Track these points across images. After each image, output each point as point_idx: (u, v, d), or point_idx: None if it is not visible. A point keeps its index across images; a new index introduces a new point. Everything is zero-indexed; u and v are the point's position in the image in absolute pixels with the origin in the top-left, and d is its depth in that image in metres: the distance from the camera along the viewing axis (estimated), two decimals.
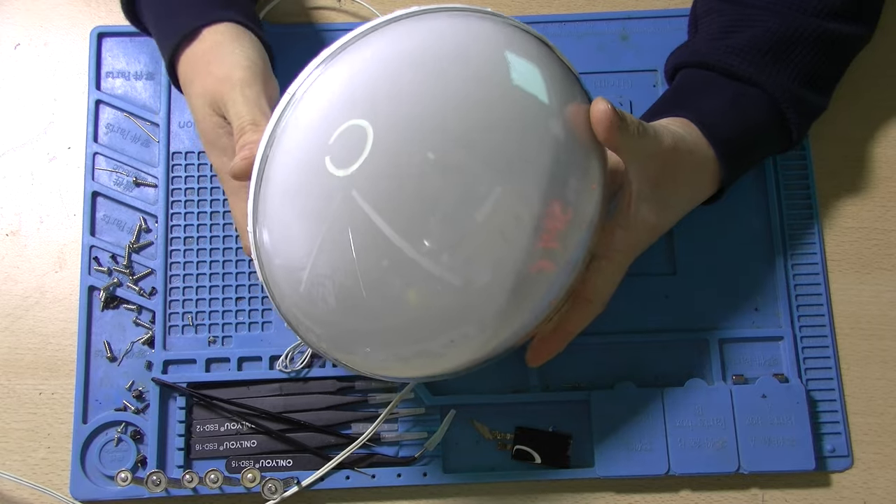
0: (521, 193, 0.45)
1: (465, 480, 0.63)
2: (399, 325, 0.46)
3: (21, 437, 0.64)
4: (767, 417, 0.63)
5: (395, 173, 0.43)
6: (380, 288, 0.44)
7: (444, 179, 0.44)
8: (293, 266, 0.45)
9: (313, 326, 0.47)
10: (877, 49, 0.71)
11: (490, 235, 0.45)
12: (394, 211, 0.43)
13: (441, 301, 0.45)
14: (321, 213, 0.43)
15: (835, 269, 0.67)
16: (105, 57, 0.70)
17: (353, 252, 0.43)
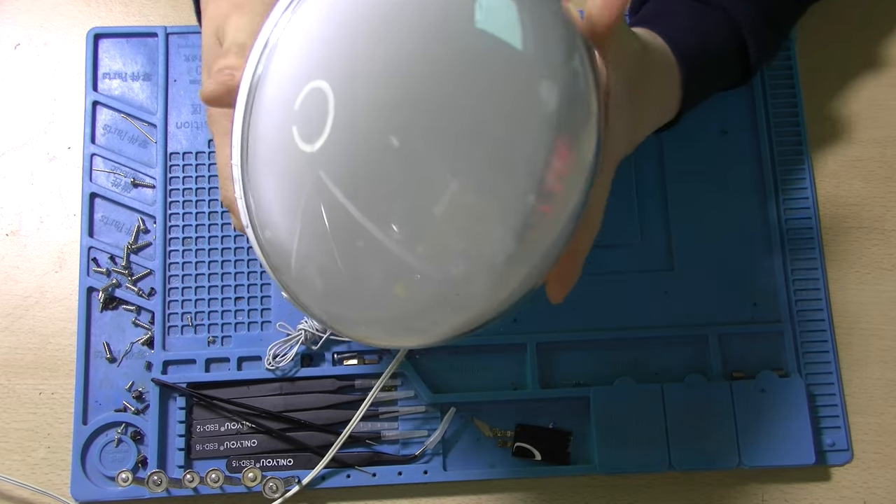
0: (489, 190, 0.40)
1: (466, 478, 0.63)
2: (382, 306, 0.43)
3: (21, 437, 0.64)
4: (767, 412, 0.63)
5: (355, 153, 0.39)
6: (359, 268, 0.41)
7: (403, 172, 0.39)
8: (281, 243, 0.42)
9: (311, 306, 0.45)
10: (877, 48, 0.72)
11: (457, 234, 0.41)
12: (359, 195, 0.39)
13: (421, 286, 0.42)
14: (296, 192, 0.40)
15: (834, 269, 0.67)
16: (101, 58, 0.70)
17: (330, 233, 0.40)
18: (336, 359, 0.65)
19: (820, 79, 0.71)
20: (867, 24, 0.72)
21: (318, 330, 0.64)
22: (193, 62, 0.70)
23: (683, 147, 0.68)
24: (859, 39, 0.72)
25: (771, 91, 0.70)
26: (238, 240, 0.67)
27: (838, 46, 0.72)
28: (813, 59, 0.71)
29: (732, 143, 0.69)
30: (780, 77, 0.70)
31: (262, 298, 0.66)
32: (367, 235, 0.40)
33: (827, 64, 0.71)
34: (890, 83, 0.71)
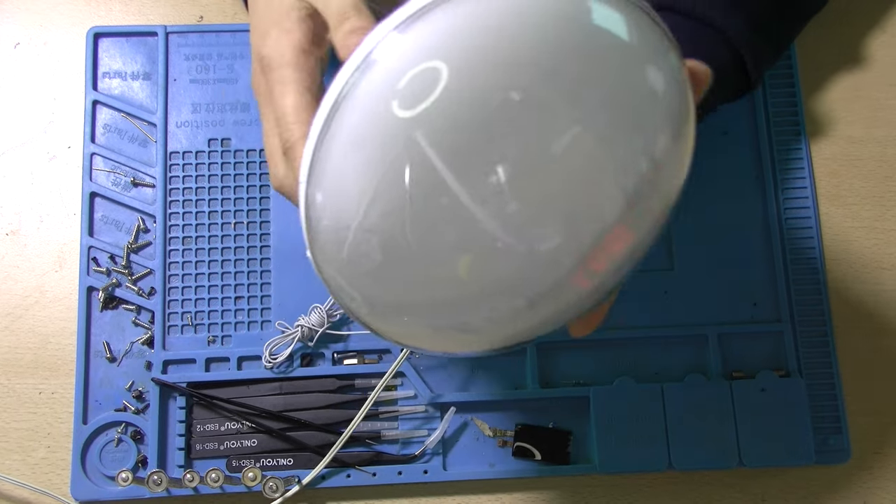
0: (609, 143, 0.39)
1: (466, 477, 0.63)
2: (444, 286, 0.41)
3: (21, 437, 0.64)
4: (767, 412, 0.63)
5: (466, 112, 0.38)
6: (430, 240, 0.39)
7: (521, 120, 0.38)
8: (340, 224, 0.40)
9: (354, 291, 0.43)
10: (877, 49, 0.72)
11: (567, 187, 0.39)
12: (457, 154, 0.38)
13: (496, 261, 0.40)
14: (380, 160, 0.39)
15: (834, 268, 0.68)
16: (101, 57, 0.70)
17: (409, 199, 0.38)
18: (336, 358, 0.65)
19: (820, 79, 0.71)
20: (867, 25, 0.72)
21: (315, 325, 0.64)
22: (193, 61, 0.70)
23: None
24: (859, 40, 0.72)
25: (771, 91, 0.70)
26: (238, 239, 0.67)
27: (838, 46, 0.72)
28: (813, 59, 0.71)
29: (733, 144, 0.69)
30: (781, 77, 0.70)
31: (261, 298, 0.66)
32: (453, 196, 0.38)
33: (827, 64, 0.71)
34: (890, 83, 0.71)
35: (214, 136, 0.69)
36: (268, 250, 0.67)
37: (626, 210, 0.40)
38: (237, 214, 0.67)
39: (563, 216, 0.39)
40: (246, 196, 0.67)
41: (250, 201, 0.67)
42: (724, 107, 0.68)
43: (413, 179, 0.38)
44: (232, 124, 0.69)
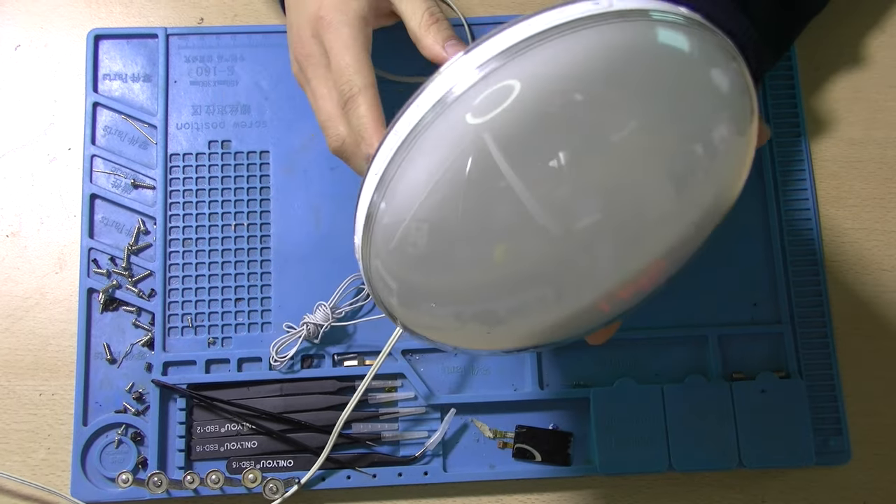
0: (663, 131, 0.41)
1: (466, 479, 0.63)
2: (479, 270, 0.42)
3: (21, 439, 0.64)
4: (767, 413, 0.63)
5: (530, 111, 0.40)
6: (476, 222, 0.41)
7: (580, 116, 0.40)
8: (396, 220, 0.42)
9: (391, 280, 0.44)
10: (877, 49, 0.72)
11: (617, 171, 0.41)
12: (515, 143, 0.40)
13: (537, 249, 0.41)
14: (446, 159, 0.40)
15: (834, 269, 0.68)
16: (102, 59, 0.70)
17: (465, 186, 0.40)
18: (336, 360, 0.65)
19: (820, 79, 0.71)
20: (867, 25, 0.73)
21: (320, 322, 0.64)
22: (193, 63, 0.70)
23: None
24: (859, 40, 0.72)
25: (771, 91, 0.70)
26: (238, 241, 0.67)
27: (838, 47, 0.72)
28: (813, 59, 0.71)
29: None
30: (781, 77, 0.70)
31: (262, 300, 0.66)
32: (503, 180, 0.40)
33: (827, 64, 0.71)
34: (890, 83, 0.71)
35: (215, 137, 0.69)
36: (268, 252, 0.67)
37: (674, 197, 0.42)
38: (237, 216, 0.67)
39: (607, 196, 0.41)
40: (246, 198, 0.67)
41: (250, 203, 0.67)
42: None
43: (472, 170, 0.40)
44: (232, 126, 0.69)
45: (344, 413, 0.62)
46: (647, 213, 0.42)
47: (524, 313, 0.44)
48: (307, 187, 0.68)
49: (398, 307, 0.46)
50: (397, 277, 0.44)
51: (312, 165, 0.68)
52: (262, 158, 0.68)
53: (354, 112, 0.53)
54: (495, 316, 0.44)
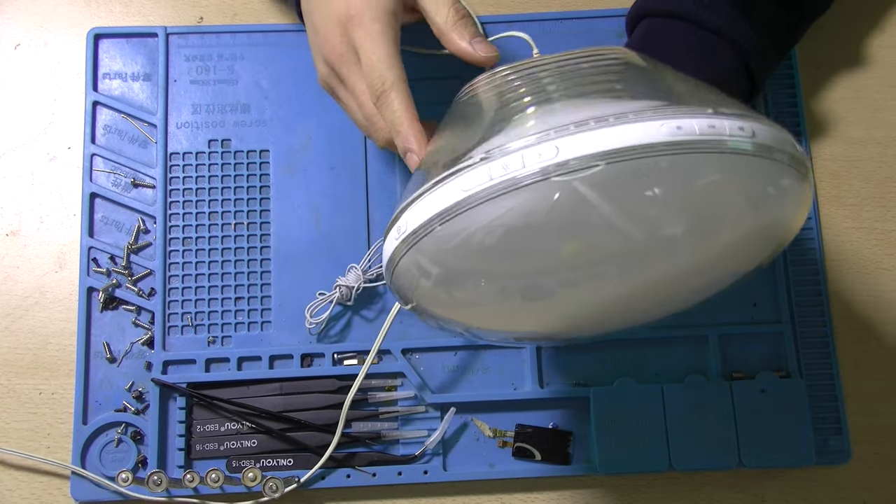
0: (742, 181, 0.43)
1: (466, 478, 0.63)
2: (545, 261, 0.44)
3: (21, 437, 0.64)
4: (767, 413, 0.63)
5: (616, 172, 0.41)
6: (559, 231, 0.42)
7: (667, 170, 0.42)
8: (459, 230, 0.43)
9: (435, 268, 0.45)
10: (877, 49, 0.72)
11: (700, 202, 0.43)
12: (606, 188, 0.41)
13: (611, 247, 0.43)
14: (529, 196, 0.41)
15: (834, 269, 0.67)
16: (102, 58, 0.70)
17: (548, 209, 0.41)
18: (336, 359, 0.65)
19: (820, 78, 0.71)
20: (867, 25, 0.72)
21: (352, 283, 0.65)
22: (193, 62, 0.70)
23: None
24: (860, 39, 0.72)
25: (771, 91, 0.70)
26: (238, 240, 0.67)
27: (838, 47, 0.72)
28: (813, 59, 0.71)
29: None
30: (781, 77, 0.70)
31: (262, 298, 0.66)
32: (594, 207, 0.41)
33: (827, 63, 0.71)
34: (890, 83, 0.71)
35: (214, 136, 0.69)
36: (268, 251, 0.67)
37: (750, 218, 0.43)
38: (237, 215, 0.67)
39: (690, 219, 0.42)
40: (246, 197, 0.67)
41: (250, 202, 0.67)
42: None
43: (560, 198, 0.41)
44: (232, 125, 0.69)
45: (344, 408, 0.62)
46: (722, 224, 0.44)
47: (578, 283, 0.45)
48: (307, 187, 0.68)
49: (432, 289, 0.46)
50: (444, 264, 0.45)
51: (312, 165, 0.68)
52: (262, 157, 0.68)
53: (388, 107, 0.54)
54: (545, 288, 0.45)
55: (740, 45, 0.61)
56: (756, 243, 0.46)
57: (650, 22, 0.64)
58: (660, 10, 0.63)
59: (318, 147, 0.68)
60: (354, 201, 0.68)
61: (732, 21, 0.61)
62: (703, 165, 0.42)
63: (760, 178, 0.43)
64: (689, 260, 0.45)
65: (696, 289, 0.48)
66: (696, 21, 0.61)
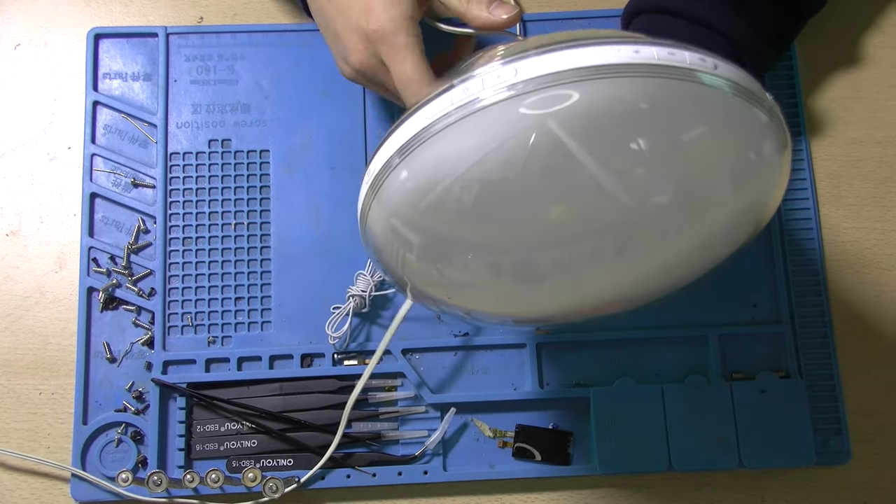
0: (727, 137, 0.44)
1: (466, 478, 0.63)
2: (532, 227, 0.44)
3: (21, 438, 0.64)
4: (767, 413, 0.63)
5: (596, 111, 0.41)
6: (539, 186, 0.42)
7: (651, 116, 0.42)
8: (428, 182, 0.43)
9: (416, 236, 0.45)
10: (877, 49, 0.72)
11: (688, 164, 0.43)
12: (587, 133, 0.41)
13: (604, 213, 0.43)
14: (499, 133, 0.41)
15: (834, 269, 0.67)
16: (102, 58, 0.70)
17: (525, 160, 0.41)
18: (336, 359, 0.65)
19: (820, 78, 0.71)
20: (867, 25, 0.72)
21: (364, 290, 0.65)
22: (194, 62, 0.70)
23: None
24: (859, 40, 0.72)
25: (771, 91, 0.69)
26: (238, 240, 0.67)
27: (838, 46, 0.72)
28: (813, 59, 0.71)
29: None
30: (781, 77, 0.70)
31: (262, 299, 0.66)
32: (574, 158, 0.41)
33: (827, 63, 0.71)
34: (889, 83, 0.71)
35: (215, 136, 0.69)
36: (268, 251, 0.67)
37: (733, 190, 0.44)
38: (237, 215, 0.67)
39: (678, 183, 0.43)
40: (246, 197, 0.67)
41: (250, 202, 0.67)
42: None
43: (537, 144, 0.41)
44: (232, 125, 0.69)
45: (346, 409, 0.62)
46: (711, 198, 0.44)
47: (571, 268, 0.45)
48: (307, 187, 0.68)
49: (417, 263, 0.46)
50: (424, 231, 0.45)
51: (312, 165, 0.68)
52: (263, 157, 0.68)
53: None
54: (536, 271, 0.45)
55: (734, 39, 0.61)
56: (738, 222, 0.47)
57: (645, 18, 0.64)
58: (654, 6, 0.63)
59: (318, 147, 0.68)
60: (354, 201, 0.67)
61: (726, 15, 0.61)
62: (681, 108, 0.42)
63: (743, 137, 0.44)
64: (678, 236, 0.45)
65: (679, 274, 0.49)
66: (690, 16, 0.61)
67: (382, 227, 0.46)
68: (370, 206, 0.47)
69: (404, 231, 0.45)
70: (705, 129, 0.43)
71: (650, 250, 0.45)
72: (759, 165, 0.45)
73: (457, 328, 0.66)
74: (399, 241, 0.46)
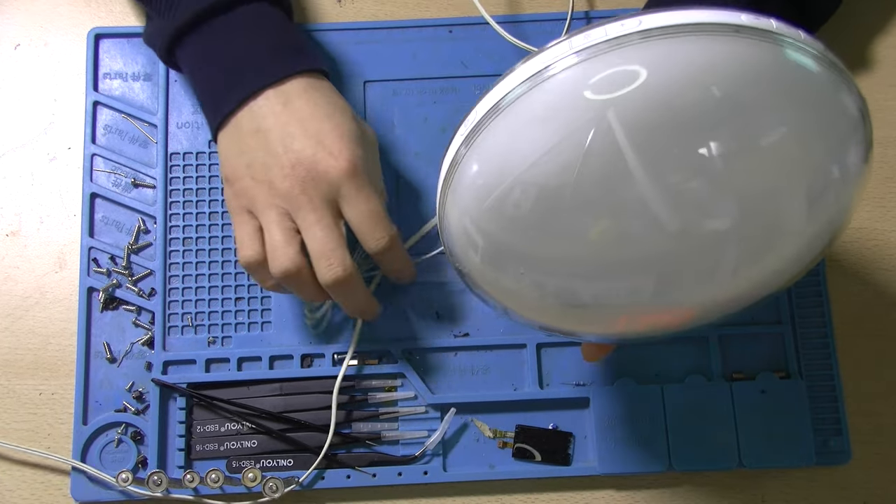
0: (808, 148, 0.40)
1: (466, 479, 0.63)
2: (580, 244, 0.41)
3: (21, 438, 0.64)
4: (767, 413, 0.63)
5: (662, 98, 0.38)
6: (591, 197, 0.40)
7: (722, 112, 0.39)
8: (494, 178, 0.42)
9: (481, 239, 0.44)
10: (876, 49, 0.72)
11: (757, 180, 0.40)
12: (643, 131, 0.39)
13: (648, 239, 0.40)
14: (560, 128, 0.39)
15: (835, 269, 0.67)
16: (102, 58, 0.70)
17: (583, 159, 0.39)
18: (336, 359, 0.65)
19: None
20: (868, 25, 0.72)
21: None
22: None
23: None
24: (860, 40, 0.72)
25: None
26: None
27: (839, 47, 0.71)
28: None
29: None
30: None
31: (262, 299, 0.66)
32: (629, 165, 0.39)
33: None
34: (890, 83, 0.71)
35: None
36: None
37: (805, 216, 0.41)
38: None
39: (743, 202, 0.39)
40: None
41: None
42: None
43: (593, 145, 0.39)
44: None
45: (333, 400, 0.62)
46: (780, 227, 0.41)
47: (611, 304, 0.43)
48: None
49: (480, 264, 0.46)
50: (487, 236, 0.44)
51: None
52: None
53: (396, 254, 0.61)
54: (579, 299, 0.44)
55: None
56: (807, 250, 0.43)
57: None
58: None
59: None
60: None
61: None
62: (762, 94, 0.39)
63: (833, 137, 0.41)
64: (731, 276, 0.42)
65: (730, 309, 0.46)
66: None
67: (454, 222, 0.46)
68: (446, 198, 0.46)
69: (471, 229, 0.45)
70: (787, 127, 0.39)
71: (699, 289, 0.43)
72: (843, 178, 0.42)
73: (457, 328, 0.66)
74: (467, 240, 0.46)
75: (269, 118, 0.57)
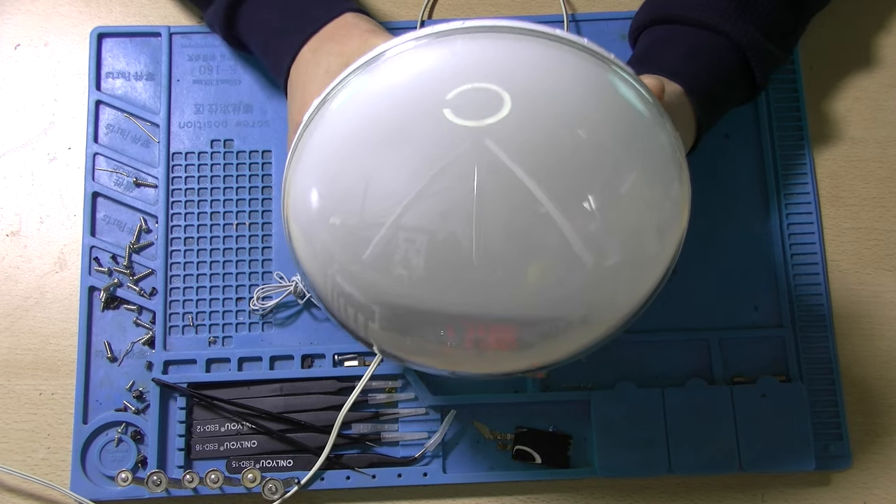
0: (651, 185, 0.43)
1: (466, 480, 0.63)
2: (506, 292, 0.40)
3: (21, 438, 0.64)
4: (768, 417, 0.63)
5: (538, 135, 0.39)
6: (499, 243, 0.39)
7: (593, 157, 0.40)
8: (363, 223, 0.39)
9: (371, 302, 0.41)
10: (877, 49, 0.72)
11: (629, 219, 0.42)
12: (538, 168, 0.38)
13: (569, 271, 0.41)
14: (432, 159, 0.38)
15: (834, 269, 0.67)
16: (105, 57, 0.70)
17: (476, 200, 0.38)
18: (336, 360, 0.65)
19: (821, 79, 0.71)
20: (869, 24, 0.72)
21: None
22: (196, 62, 0.70)
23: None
24: (861, 39, 0.72)
25: (774, 94, 0.70)
26: (240, 240, 0.67)
27: (840, 47, 0.72)
28: (814, 60, 0.71)
29: (735, 147, 0.69)
30: (783, 80, 0.70)
31: (262, 299, 0.66)
32: (537, 205, 0.39)
33: (828, 64, 0.71)
34: (890, 83, 0.71)
35: (217, 136, 0.69)
36: (269, 251, 0.67)
37: (658, 244, 0.44)
38: (239, 215, 0.67)
39: (623, 241, 0.42)
40: (248, 197, 0.67)
41: (252, 202, 0.67)
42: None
43: (482, 181, 0.38)
44: (234, 125, 0.69)
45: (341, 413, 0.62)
46: (646, 254, 0.44)
47: (554, 336, 0.44)
48: None
49: (387, 335, 0.44)
50: (380, 301, 0.41)
51: None
52: (265, 158, 0.68)
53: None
54: (525, 340, 0.44)
55: (742, 42, 0.61)
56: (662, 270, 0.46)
57: (652, 30, 0.64)
58: (661, 17, 0.63)
59: None
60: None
61: (732, 19, 0.61)
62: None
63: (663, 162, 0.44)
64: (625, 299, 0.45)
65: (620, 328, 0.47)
66: (697, 23, 0.61)
67: (323, 284, 0.43)
68: (297, 249, 0.45)
69: (362, 298, 0.42)
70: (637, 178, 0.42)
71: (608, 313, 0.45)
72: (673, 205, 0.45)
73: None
74: (351, 309, 0.43)
75: (336, 42, 0.58)
